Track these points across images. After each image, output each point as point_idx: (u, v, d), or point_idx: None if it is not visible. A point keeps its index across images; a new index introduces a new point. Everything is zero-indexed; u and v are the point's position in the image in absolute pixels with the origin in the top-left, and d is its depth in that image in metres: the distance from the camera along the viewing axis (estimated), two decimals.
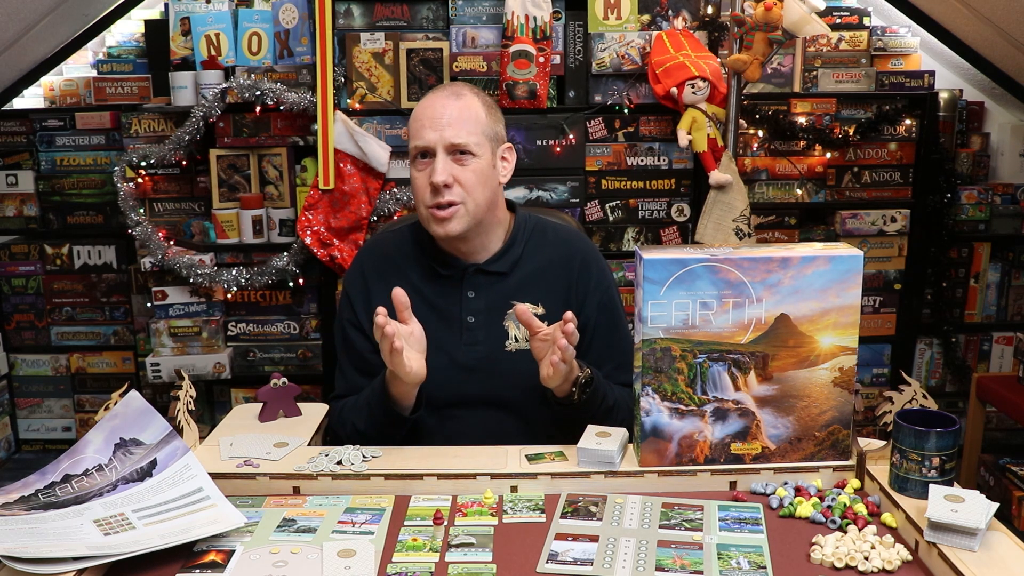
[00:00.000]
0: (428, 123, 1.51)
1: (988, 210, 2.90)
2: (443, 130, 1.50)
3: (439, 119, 1.51)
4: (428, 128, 1.51)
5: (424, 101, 1.56)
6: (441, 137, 1.50)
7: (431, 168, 1.51)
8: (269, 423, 1.53)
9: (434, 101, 1.54)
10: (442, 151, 1.50)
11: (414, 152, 1.54)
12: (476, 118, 1.53)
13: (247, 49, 2.68)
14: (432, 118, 1.51)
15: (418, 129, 1.53)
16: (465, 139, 1.51)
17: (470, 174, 1.51)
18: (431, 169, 1.51)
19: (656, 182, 2.69)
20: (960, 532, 1.07)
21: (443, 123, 1.50)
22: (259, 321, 2.75)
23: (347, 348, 1.63)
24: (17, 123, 2.80)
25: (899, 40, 2.86)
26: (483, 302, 1.57)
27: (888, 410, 1.30)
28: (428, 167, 1.52)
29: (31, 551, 1.06)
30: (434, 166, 1.50)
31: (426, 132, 1.51)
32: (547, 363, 1.38)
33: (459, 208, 1.51)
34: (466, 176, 1.51)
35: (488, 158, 1.54)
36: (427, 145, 1.51)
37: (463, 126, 1.51)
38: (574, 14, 2.61)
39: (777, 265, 1.27)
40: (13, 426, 2.95)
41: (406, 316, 1.42)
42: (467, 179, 1.51)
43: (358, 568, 1.09)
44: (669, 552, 1.14)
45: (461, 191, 1.51)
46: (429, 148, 1.51)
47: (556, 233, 1.66)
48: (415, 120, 1.54)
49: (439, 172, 1.49)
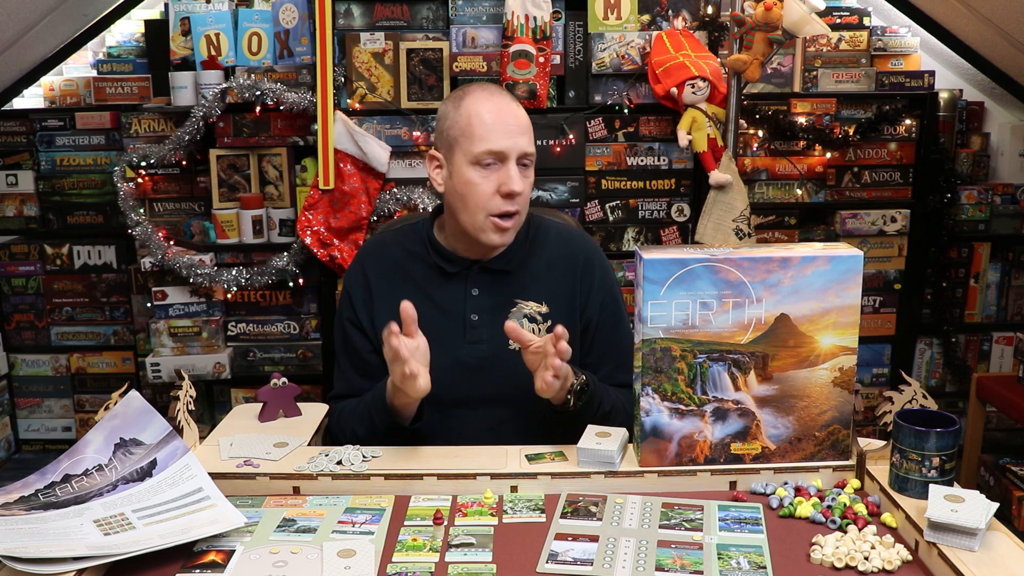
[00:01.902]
0: (502, 128, 1.48)
1: (988, 210, 2.90)
2: (516, 138, 1.48)
3: (511, 125, 1.48)
4: (502, 134, 1.47)
5: (484, 103, 1.50)
6: (515, 144, 1.48)
7: (501, 176, 1.48)
8: (269, 423, 1.53)
9: (499, 105, 1.50)
10: (514, 159, 1.48)
11: (482, 157, 1.48)
12: (531, 128, 1.53)
13: (247, 49, 2.68)
14: (505, 123, 1.48)
15: (488, 133, 1.48)
16: (532, 148, 1.51)
17: (528, 185, 1.52)
18: (504, 176, 1.48)
19: (656, 182, 2.69)
20: (960, 532, 1.07)
21: (516, 130, 1.48)
22: (259, 321, 2.75)
23: (347, 347, 1.63)
24: (17, 123, 2.80)
25: (899, 40, 2.86)
26: (487, 300, 1.57)
27: (888, 410, 1.30)
28: (494, 173, 1.48)
29: (31, 551, 1.06)
30: (508, 173, 1.47)
31: (500, 138, 1.47)
32: (540, 377, 1.38)
33: (518, 218, 1.51)
34: (527, 186, 1.51)
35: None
36: (502, 151, 1.47)
37: (529, 135, 1.51)
38: (574, 14, 2.61)
39: (777, 265, 1.27)
40: (13, 426, 2.95)
41: (413, 330, 1.39)
42: (527, 189, 1.51)
43: (358, 568, 1.09)
44: (669, 552, 1.14)
45: (522, 200, 1.51)
46: (504, 154, 1.48)
47: (559, 232, 1.66)
48: (482, 124, 1.48)
49: (516, 180, 1.47)
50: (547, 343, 1.36)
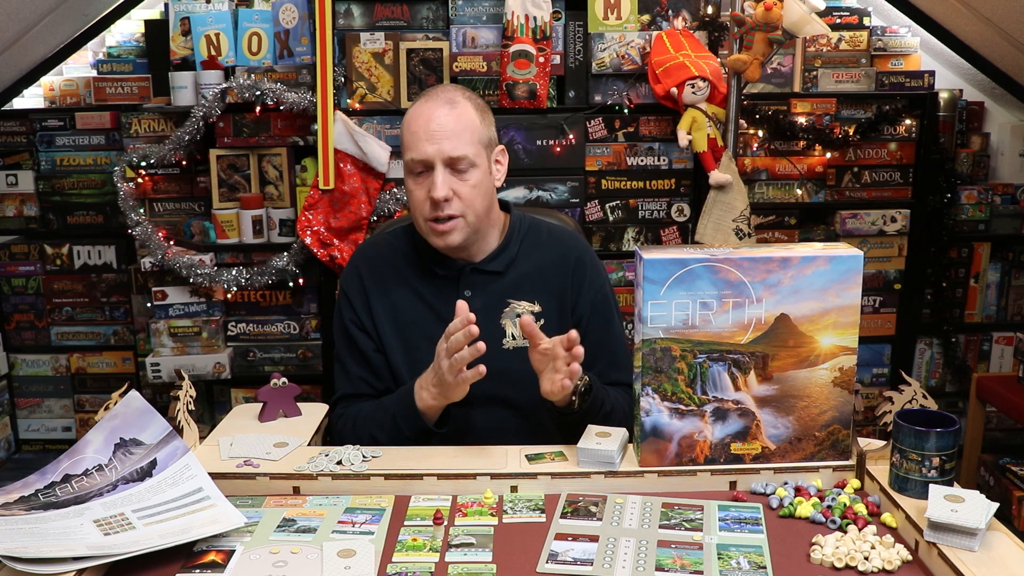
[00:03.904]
0: (425, 136, 1.47)
1: (988, 210, 2.90)
2: (440, 143, 1.47)
3: (436, 132, 1.47)
4: (425, 141, 1.47)
5: (416, 110, 1.51)
6: (439, 151, 1.47)
7: (430, 182, 1.48)
8: (269, 423, 1.53)
9: (428, 111, 1.49)
10: (440, 165, 1.48)
11: (410, 165, 1.50)
12: (472, 127, 1.50)
13: (247, 49, 2.68)
14: (428, 131, 1.47)
15: (413, 141, 1.49)
16: (463, 151, 1.48)
17: (469, 188, 1.50)
18: (430, 183, 1.48)
19: (656, 182, 2.69)
20: (960, 532, 1.07)
21: (440, 136, 1.47)
22: (259, 321, 2.75)
23: (350, 347, 1.63)
24: (17, 123, 2.80)
25: (899, 40, 2.86)
26: (480, 301, 1.57)
27: (888, 410, 1.30)
28: (426, 181, 1.49)
29: (31, 551, 1.06)
30: (433, 180, 1.47)
31: (423, 145, 1.47)
32: (549, 379, 1.37)
33: (459, 221, 1.50)
34: (465, 190, 1.49)
35: (485, 166, 1.53)
36: (424, 158, 1.48)
37: (460, 137, 1.48)
38: (574, 14, 2.61)
39: (777, 265, 1.27)
40: (13, 426, 2.95)
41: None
42: (466, 193, 1.50)
43: (358, 568, 1.09)
44: (669, 552, 1.14)
45: (460, 204, 1.49)
46: (427, 161, 1.48)
47: (551, 232, 1.66)
48: (409, 131, 1.50)
49: (439, 187, 1.46)
50: (556, 346, 1.35)
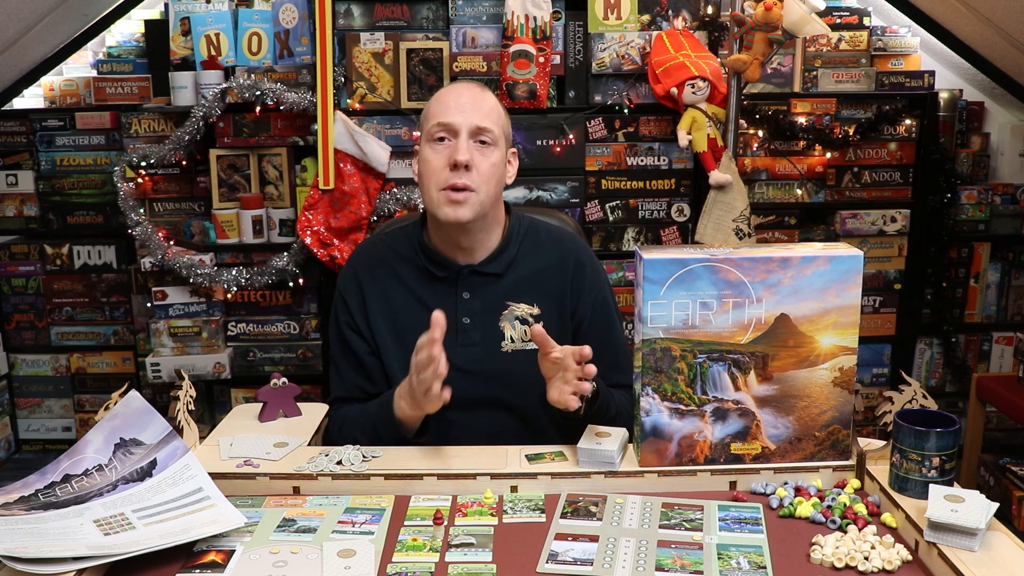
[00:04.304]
0: (455, 105, 1.52)
1: (988, 210, 2.90)
2: (469, 113, 1.51)
3: (466, 104, 1.52)
4: (454, 109, 1.51)
5: (447, 88, 1.58)
6: (467, 119, 1.50)
7: (452, 149, 1.50)
8: (269, 423, 1.53)
9: (459, 88, 1.56)
10: (466, 133, 1.51)
11: (434, 131, 1.52)
12: (498, 112, 1.56)
13: (247, 49, 2.68)
14: (459, 101, 1.52)
15: (441, 109, 1.52)
16: (490, 125, 1.52)
17: (488, 164, 1.52)
18: (452, 150, 1.50)
19: (656, 182, 2.69)
20: (960, 532, 1.07)
21: (469, 108, 1.51)
22: (259, 321, 2.75)
23: (344, 350, 1.63)
24: (17, 123, 2.80)
25: (899, 40, 2.86)
26: (478, 303, 1.57)
27: (888, 410, 1.30)
28: (446, 148, 1.51)
29: (31, 551, 1.05)
30: (457, 145, 1.50)
31: (452, 113, 1.51)
32: (557, 389, 1.37)
33: (472, 195, 1.51)
34: (484, 164, 1.51)
35: (503, 154, 1.56)
36: (451, 123, 1.51)
37: (488, 114, 1.53)
38: (574, 14, 2.61)
39: (777, 265, 1.27)
40: (13, 426, 2.95)
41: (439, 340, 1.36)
42: (484, 167, 1.51)
43: (358, 568, 1.09)
44: (669, 552, 1.14)
45: (478, 177, 1.50)
46: (453, 127, 1.51)
47: (550, 234, 1.66)
48: (437, 103, 1.54)
49: (462, 151, 1.49)
50: (568, 357, 1.35)
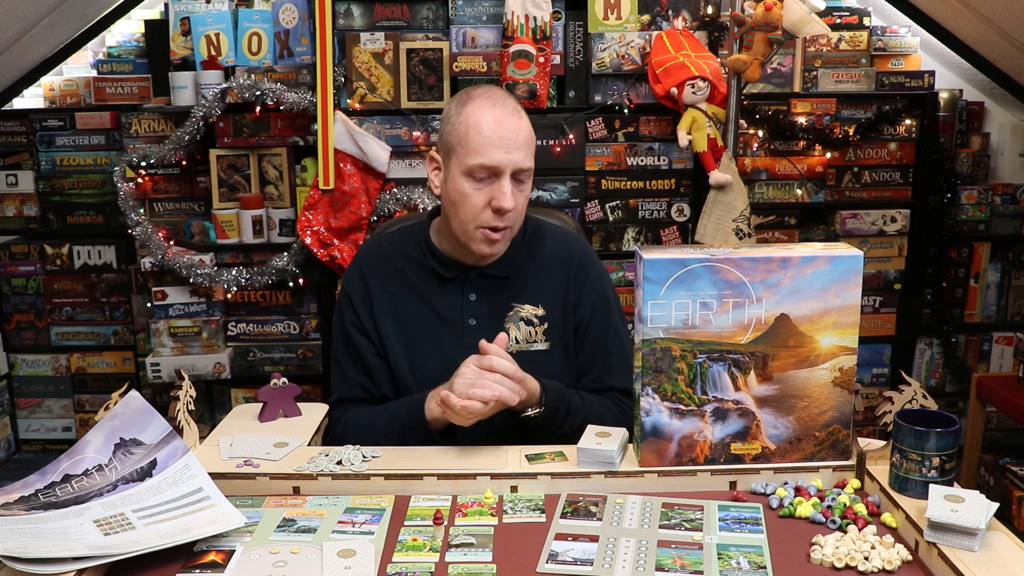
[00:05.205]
0: (498, 142, 1.45)
1: (988, 210, 2.90)
2: (513, 153, 1.46)
3: (509, 140, 1.46)
4: (498, 148, 1.45)
5: (483, 113, 1.47)
6: (511, 160, 1.46)
7: (493, 190, 1.46)
8: (269, 423, 1.53)
9: (500, 117, 1.47)
10: (508, 174, 1.47)
11: (475, 170, 1.46)
12: (532, 140, 1.51)
13: (247, 49, 2.68)
14: (501, 137, 1.46)
15: (484, 146, 1.45)
16: (530, 164, 1.49)
17: (523, 199, 1.51)
18: (494, 191, 1.46)
19: (656, 182, 2.69)
20: (960, 532, 1.07)
21: (513, 145, 1.46)
22: (259, 321, 2.75)
23: (349, 350, 1.62)
24: (17, 123, 2.80)
25: (899, 40, 2.86)
26: (485, 305, 1.57)
27: (888, 410, 1.30)
28: (487, 187, 1.47)
29: (31, 551, 1.05)
30: (501, 190, 1.46)
31: (495, 152, 1.45)
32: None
33: (508, 231, 1.51)
34: (520, 201, 1.50)
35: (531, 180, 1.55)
36: (496, 166, 1.46)
37: (528, 149, 1.49)
38: (574, 14, 2.61)
39: (777, 265, 1.27)
40: (13, 426, 2.95)
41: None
42: (520, 204, 1.50)
43: (358, 568, 1.09)
44: (669, 552, 1.14)
45: (514, 215, 1.49)
46: (499, 169, 1.46)
47: (554, 235, 1.66)
48: (478, 134, 1.46)
49: (508, 197, 1.45)
50: None
